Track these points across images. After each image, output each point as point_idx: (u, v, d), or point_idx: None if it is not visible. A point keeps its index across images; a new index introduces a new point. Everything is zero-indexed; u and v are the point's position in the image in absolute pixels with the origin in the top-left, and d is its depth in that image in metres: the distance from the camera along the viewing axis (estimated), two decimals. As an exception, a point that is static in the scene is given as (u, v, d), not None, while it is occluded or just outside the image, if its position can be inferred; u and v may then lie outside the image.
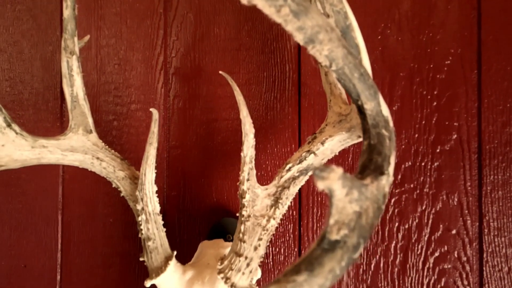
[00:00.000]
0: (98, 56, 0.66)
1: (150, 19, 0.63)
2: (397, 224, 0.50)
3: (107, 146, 0.54)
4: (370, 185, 0.22)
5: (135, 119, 0.64)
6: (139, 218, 0.46)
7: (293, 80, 0.56)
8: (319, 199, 0.53)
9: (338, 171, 0.17)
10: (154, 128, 0.46)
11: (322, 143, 0.42)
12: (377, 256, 0.50)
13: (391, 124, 0.32)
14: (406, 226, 0.50)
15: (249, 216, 0.45)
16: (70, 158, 0.47)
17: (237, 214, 0.45)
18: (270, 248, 0.55)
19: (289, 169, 0.44)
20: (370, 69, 0.35)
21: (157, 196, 0.48)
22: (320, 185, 0.16)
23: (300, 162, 0.43)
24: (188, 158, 0.61)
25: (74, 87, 0.48)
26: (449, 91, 0.49)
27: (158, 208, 0.47)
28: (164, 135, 0.61)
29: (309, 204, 0.54)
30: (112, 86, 0.65)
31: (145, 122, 0.62)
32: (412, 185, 0.50)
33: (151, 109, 0.47)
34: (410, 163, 0.50)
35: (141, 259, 0.47)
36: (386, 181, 0.24)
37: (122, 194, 0.53)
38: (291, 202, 0.50)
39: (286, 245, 0.54)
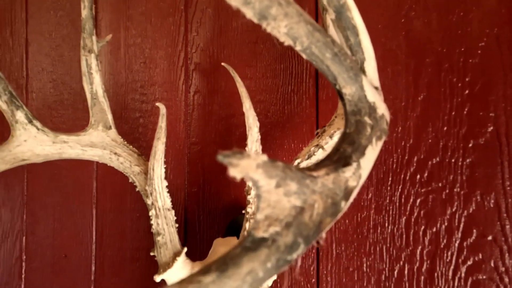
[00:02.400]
0: (126, 55, 0.73)
1: (172, 17, 0.68)
2: (423, 227, 0.49)
3: (125, 142, 0.59)
4: (322, 178, 0.22)
5: (159, 116, 0.69)
6: (150, 213, 0.50)
7: (310, 72, 0.57)
8: None
9: (256, 158, 0.18)
10: (162, 123, 0.50)
11: (331, 137, 0.43)
12: (401, 262, 0.49)
13: (380, 111, 0.32)
14: (434, 230, 0.48)
15: (254, 213, 0.47)
16: (90, 153, 0.54)
17: (243, 211, 0.47)
18: None
19: (297, 165, 0.45)
20: (372, 53, 0.36)
21: (179, 193, 0.53)
22: (232, 172, 0.17)
23: (309, 157, 0.45)
24: (208, 154, 0.64)
25: (94, 84, 0.55)
26: (483, 78, 0.46)
27: (168, 203, 0.51)
28: (185, 132, 0.66)
29: None
30: (139, 84, 0.71)
31: (168, 119, 0.68)
32: (440, 184, 0.48)
33: (157, 104, 0.51)
34: (438, 160, 0.48)
35: (151, 253, 0.51)
36: (352, 174, 0.24)
37: (137, 189, 0.58)
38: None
39: None
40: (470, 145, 0.52)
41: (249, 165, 0.18)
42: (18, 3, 0.91)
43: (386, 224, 0.56)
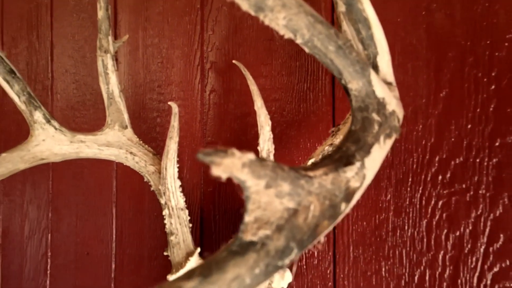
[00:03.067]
0: (144, 56, 0.73)
1: (188, 16, 0.68)
2: (445, 230, 0.46)
3: (141, 141, 0.60)
4: (319, 178, 0.21)
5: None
6: (163, 213, 0.50)
7: (326, 69, 0.55)
8: None
9: (242, 156, 0.17)
10: (174, 122, 0.50)
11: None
12: (422, 267, 0.47)
13: (390, 107, 0.30)
14: (457, 234, 0.46)
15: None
16: (106, 152, 0.54)
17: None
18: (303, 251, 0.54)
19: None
20: (385, 46, 0.34)
21: (194, 192, 0.52)
22: (215, 172, 0.16)
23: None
24: (223, 153, 0.63)
25: (110, 84, 0.55)
26: (511, 72, 0.43)
27: (182, 203, 0.51)
28: (201, 131, 0.66)
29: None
30: (156, 84, 0.72)
31: (184, 118, 0.67)
32: (464, 186, 0.46)
33: (169, 103, 0.51)
34: (461, 159, 0.46)
35: (165, 253, 0.51)
36: (354, 174, 0.23)
37: (152, 188, 0.58)
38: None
39: (319, 248, 0.53)
40: (497, 144, 0.48)
41: (233, 164, 0.17)
42: (44, 7, 0.94)
43: (406, 227, 0.53)
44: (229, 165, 0.17)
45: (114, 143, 0.62)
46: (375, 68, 0.38)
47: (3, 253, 1.03)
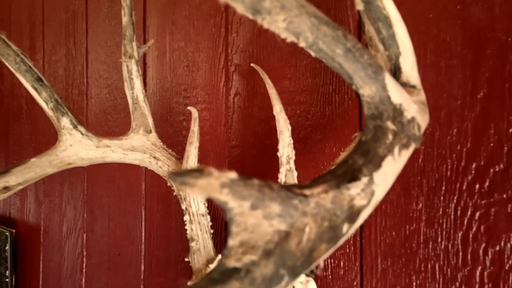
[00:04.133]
0: (171, 60, 0.74)
1: (213, 19, 0.67)
2: (483, 244, 0.43)
3: (165, 146, 0.60)
4: (317, 196, 0.19)
5: (201, 119, 0.69)
6: (184, 218, 0.50)
7: None
8: (383, 207, 0.48)
9: (220, 176, 0.16)
10: (194, 127, 0.49)
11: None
12: (457, 283, 0.44)
13: (409, 114, 0.27)
14: (497, 249, 0.42)
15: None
16: (131, 157, 0.55)
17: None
18: (328, 260, 0.52)
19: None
20: (409, 46, 0.32)
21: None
22: (191, 193, 0.15)
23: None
24: (247, 157, 0.63)
25: (134, 89, 0.56)
26: None
27: (202, 209, 0.50)
28: (226, 135, 0.65)
29: (371, 212, 0.50)
30: (182, 88, 0.72)
31: (209, 121, 0.67)
32: (504, 196, 0.42)
33: (189, 108, 0.50)
34: (501, 167, 0.42)
35: (186, 259, 0.51)
36: (360, 191, 0.21)
37: (174, 193, 0.57)
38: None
39: (346, 257, 0.51)
40: (543, 150, 0.43)
41: (210, 185, 0.16)
42: (80, 14, 0.97)
43: (439, 239, 0.49)
44: (205, 186, 0.15)
45: (138, 147, 0.62)
46: (398, 70, 0.35)
47: (44, 251, 1.08)
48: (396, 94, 0.26)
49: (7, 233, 1.12)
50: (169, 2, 0.79)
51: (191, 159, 0.54)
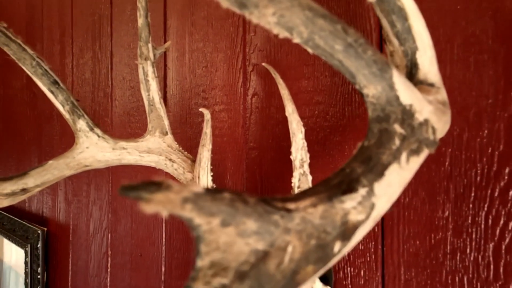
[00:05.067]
0: (190, 61, 0.73)
1: (231, 18, 0.66)
2: None
3: (180, 148, 0.59)
4: (303, 211, 0.17)
5: (219, 120, 0.68)
6: None
7: None
8: (406, 213, 0.45)
9: (182, 189, 0.14)
10: (207, 129, 0.48)
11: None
12: None
13: (421, 116, 0.25)
14: None
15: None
16: (147, 159, 0.54)
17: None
18: (348, 269, 0.50)
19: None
20: (427, 40, 0.29)
21: None
22: (146, 209, 0.13)
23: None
24: (265, 160, 0.61)
25: (150, 91, 0.55)
26: None
27: None
28: (244, 136, 0.63)
29: (394, 219, 0.47)
30: (201, 89, 0.71)
31: (227, 123, 0.66)
32: None
33: (201, 109, 0.49)
34: None
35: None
36: (356, 204, 0.18)
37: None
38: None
39: (366, 266, 0.48)
40: None
41: (169, 200, 0.14)
42: (105, 18, 0.99)
43: (468, 250, 0.45)
44: (163, 202, 0.13)
45: (154, 149, 0.62)
46: (414, 66, 0.32)
47: (73, 249, 1.10)
48: (406, 93, 0.23)
49: (39, 231, 1.16)
50: (189, 3, 0.78)
51: (204, 161, 0.52)
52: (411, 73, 0.31)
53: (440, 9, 0.48)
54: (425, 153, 0.23)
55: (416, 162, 0.22)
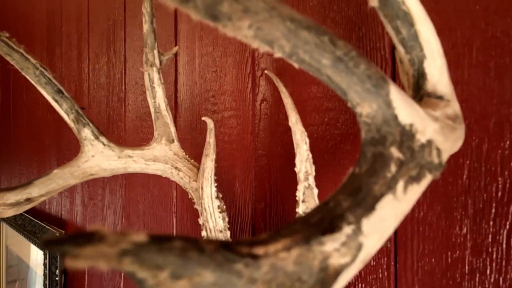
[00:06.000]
0: (200, 65, 0.72)
1: (240, 21, 0.63)
2: None
3: (187, 156, 0.58)
4: (273, 256, 0.15)
5: (228, 127, 0.66)
6: (202, 234, 0.47)
7: (385, 72, 0.47)
8: (421, 229, 0.42)
9: (120, 241, 0.12)
10: (210, 138, 0.46)
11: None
12: None
13: (423, 137, 0.23)
14: None
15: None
16: (153, 167, 0.53)
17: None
18: (359, 285, 0.47)
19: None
20: (436, 47, 0.27)
21: (246, 208, 0.49)
22: (77, 265, 0.12)
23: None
24: (274, 168, 0.59)
25: (156, 98, 0.54)
26: None
27: (221, 225, 0.47)
28: (253, 143, 0.62)
29: (407, 235, 0.44)
30: (211, 94, 0.70)
31: (236, 129, 0.64)
32: None
33: (203, 118, 0.47)
34: None
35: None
36: (339, 245, 0.16)
37: (195, 206, 0.55)
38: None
39: (379, 283, 0.46)
40: None
41: (101, 255, 0.11)
42: (119, 23, 0.99)
43: (488, 271, 0.42)
44: (95, 257, 0.11)
45: (160, 157, 0.60)
46: (422, 76, 0.29)
47: (89, 252, 1.11)
48: (406, 111, 0.20)
49: (57, 234, 1.17)
50: (199, 7, 0.76)
51: (207, 172, 0.51)
52: (418, 83, 0.28)
53: (458, 10, 0.45)
54: (427, 179, 0.20)
55: (416, 191, 0.19)
